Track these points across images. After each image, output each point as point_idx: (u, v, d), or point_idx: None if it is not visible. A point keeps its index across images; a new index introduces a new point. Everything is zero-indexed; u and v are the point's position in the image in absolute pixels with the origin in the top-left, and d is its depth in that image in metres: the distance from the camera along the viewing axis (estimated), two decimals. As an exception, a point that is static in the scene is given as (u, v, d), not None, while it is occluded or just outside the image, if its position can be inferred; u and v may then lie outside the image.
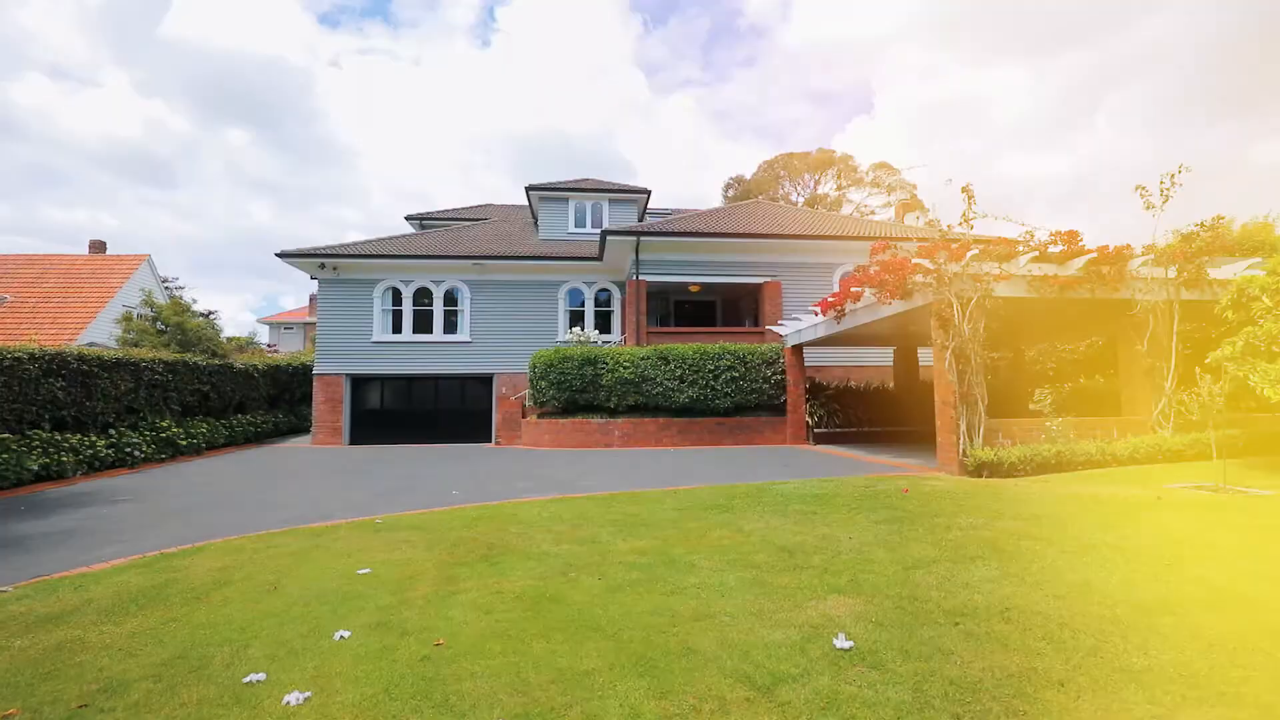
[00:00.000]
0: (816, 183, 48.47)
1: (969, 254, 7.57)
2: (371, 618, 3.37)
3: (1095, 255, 7.81)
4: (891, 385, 15.32)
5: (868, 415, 13.74)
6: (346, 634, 3.13)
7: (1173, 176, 8.30)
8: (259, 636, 3.14)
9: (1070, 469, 7.35)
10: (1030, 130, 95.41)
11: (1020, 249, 7.87)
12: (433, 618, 3.34)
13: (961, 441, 7.55)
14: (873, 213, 45.22)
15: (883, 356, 16.49)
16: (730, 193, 48.77)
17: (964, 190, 7.97)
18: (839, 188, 48.18)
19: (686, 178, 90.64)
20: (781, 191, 47.54)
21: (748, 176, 49.37)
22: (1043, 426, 7.92)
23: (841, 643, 2.87)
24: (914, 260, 7.83)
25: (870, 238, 16.34)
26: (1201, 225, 8.22)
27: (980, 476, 7.31)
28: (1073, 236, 7.76)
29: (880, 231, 17.13)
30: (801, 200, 47.28)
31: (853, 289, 9.59)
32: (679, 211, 24.56)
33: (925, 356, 15.55)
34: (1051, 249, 7.89)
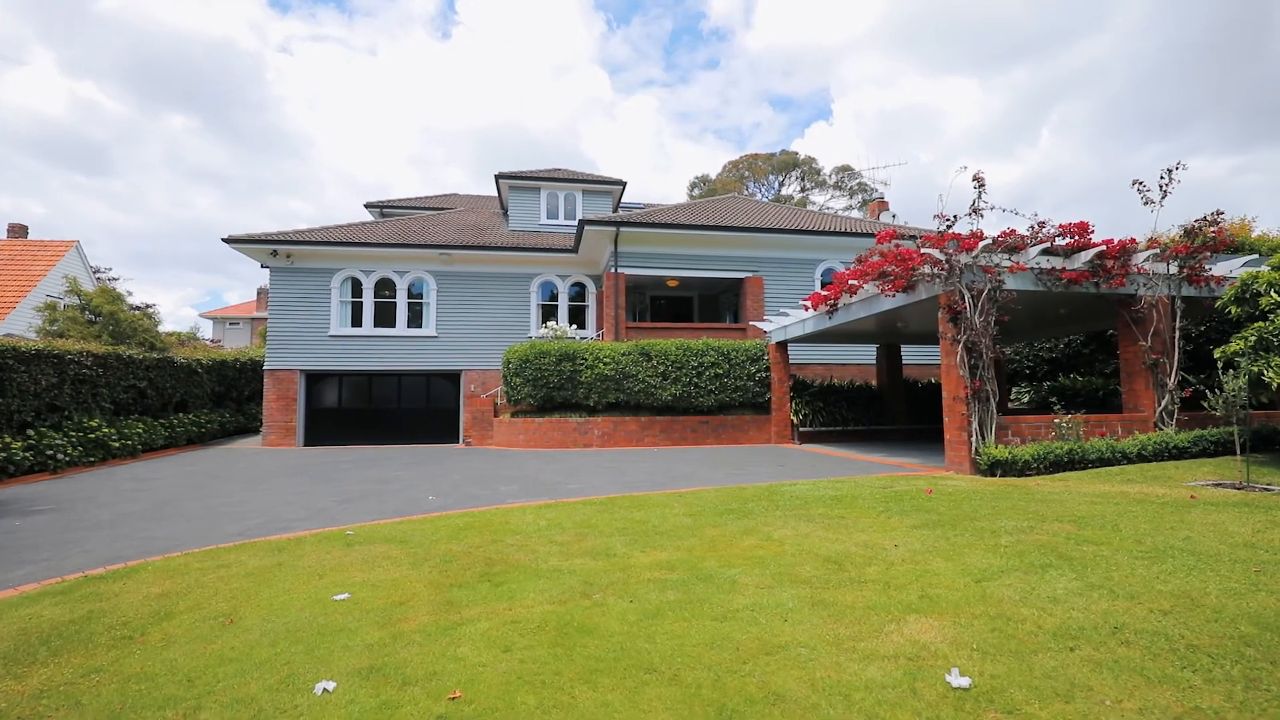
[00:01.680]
0: (781, 184, 48.80)
1: (981, 244, 7.28)
2: (360, 660, 2.69)
3: (1102, 248, 7.65)
4: (875, 383, 15.14)
5: (852, 414, 13.48)
6: (330, 686, 2.44)
7: (1170, 173, 8.25)
8: (213, 692, 2.43)
9: (1083, 467, 7.13)
10: (979, 141, 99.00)
11: (1029, 241, 7.64)
12: (438, 658, 2.68)
13: (974, 439, 7.24)
14: (836, 215, 45.79)
15: (865, 355, 16.34)
16: (696, 191, 48.64)
17: (975, 178, 7.69)
18: (803, 189, 48.64)
19: (649, 178, 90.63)
20: (746, 192, 47.64)
21: (712, 176, 49.42)
22: (1050, 424, 7.70)
23: (956, 679, 2.36)
24: (924, 250, 7.49)
25: (857, 233, 16.20)
26: (1203, 221, 8.18)
27: (994, 475, 7.01)
28: (1083, 229, 7.57)
29: (866, 228, 17.01)
30: (767, 200, 47.45)
31: (850, 281, 9.23)
32: (648, 207, 24.04)
33: (909, 354, 15.47)
34: (1059, 241, 7.69)
